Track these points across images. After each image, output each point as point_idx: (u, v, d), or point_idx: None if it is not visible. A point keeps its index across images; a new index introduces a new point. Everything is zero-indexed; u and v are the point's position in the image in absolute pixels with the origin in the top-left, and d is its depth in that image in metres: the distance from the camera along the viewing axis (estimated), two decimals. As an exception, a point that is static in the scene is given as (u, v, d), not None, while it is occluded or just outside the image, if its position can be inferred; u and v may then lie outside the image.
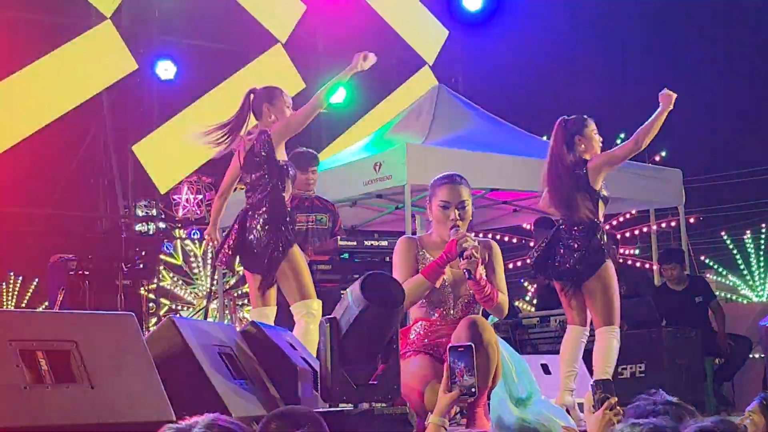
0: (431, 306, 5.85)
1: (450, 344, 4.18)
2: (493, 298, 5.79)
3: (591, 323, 7.48)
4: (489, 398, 5.95)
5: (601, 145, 7.67)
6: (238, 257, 7.26)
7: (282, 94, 7.44)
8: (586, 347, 7.51)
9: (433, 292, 5.82)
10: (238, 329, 5.79)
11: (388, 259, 8.32)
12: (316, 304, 7.06)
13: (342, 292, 7.84)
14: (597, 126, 7.78)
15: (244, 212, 7.25)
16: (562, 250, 7.45)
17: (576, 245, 7.39)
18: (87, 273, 9.99)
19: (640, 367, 8.08)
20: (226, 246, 7.20)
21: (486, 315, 6.13)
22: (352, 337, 4.97)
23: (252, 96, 7.43)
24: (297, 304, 7.07)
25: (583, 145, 7.57)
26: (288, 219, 7.15)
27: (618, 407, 4.01)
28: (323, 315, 5.52)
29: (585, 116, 7.72)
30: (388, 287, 5.05)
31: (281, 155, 7.22)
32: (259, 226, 7.10)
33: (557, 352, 9.59)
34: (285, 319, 7.21)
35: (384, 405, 5.05)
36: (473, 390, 4.06)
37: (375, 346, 5.10)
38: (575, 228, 7.45)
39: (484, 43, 19.10)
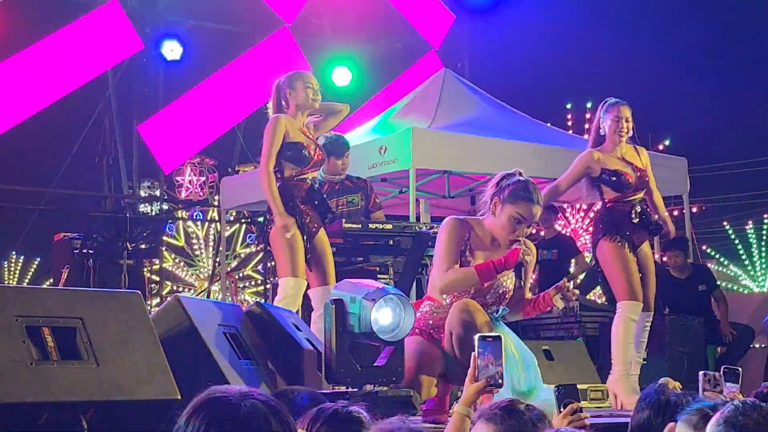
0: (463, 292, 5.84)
1: (478, 334, 4.17)
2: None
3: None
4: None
5: (622, 131, 7.62)
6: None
7: (301, 77, 7.48)
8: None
9: None
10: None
11: (391, 242, 8.31)
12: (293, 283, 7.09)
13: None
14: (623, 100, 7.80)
15: None
16: None
17: None
18: (91, 252, 9.99)
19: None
20: None
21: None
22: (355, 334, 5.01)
23: (278, 87, 7.46)
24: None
25: (603, 131, 7.63)
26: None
27: (580, 413, 3.95)
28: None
29: (617, 102, 7.70)
30: (402, 308, 5.06)
31: None
32: None
33: (561, 338, 9.63)
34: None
35: (388, 387, 5.07)
36: (500, 381, 4.06)
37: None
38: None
39: (490, 28, 19.07)
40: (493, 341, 4.10)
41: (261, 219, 9.50)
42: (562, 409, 3.98)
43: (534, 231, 11.56)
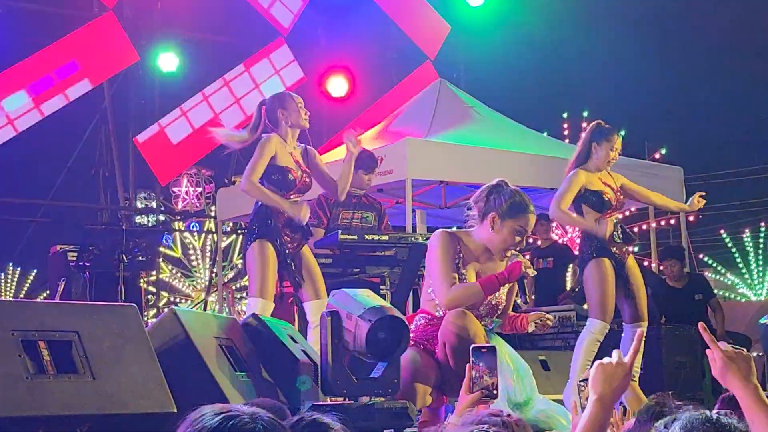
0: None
1: (473, 345, 4.17)
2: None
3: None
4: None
5: (612, 161, 7.74)
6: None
7: (292, 97, 7.49)
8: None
9: None
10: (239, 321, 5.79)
11: (388, 253, 8.31)
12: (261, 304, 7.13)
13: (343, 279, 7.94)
14: (617, 128, 7.91)
15: None
16: None
17: None
18: (88, 264, 9.99)
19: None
20: None
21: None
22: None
23: (263, 108, 7.46)
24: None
25: (595, 154, 7.67)
26: None
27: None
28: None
29: (614, 130, 7.79)
30: (396, 330, 5.05)
31: None
32: None
33: (556, 348, 9.64)
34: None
35: (384, 399, 5.07)
36: (495, 391, 4.05)
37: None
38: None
39: (486, 38, 19.08)
40: (487, 352, 4.10)
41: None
42: (585, 403, 3.96)
43: (531, 240, 11.60)
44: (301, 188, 7.45)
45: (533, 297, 11.51)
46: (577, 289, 11.69)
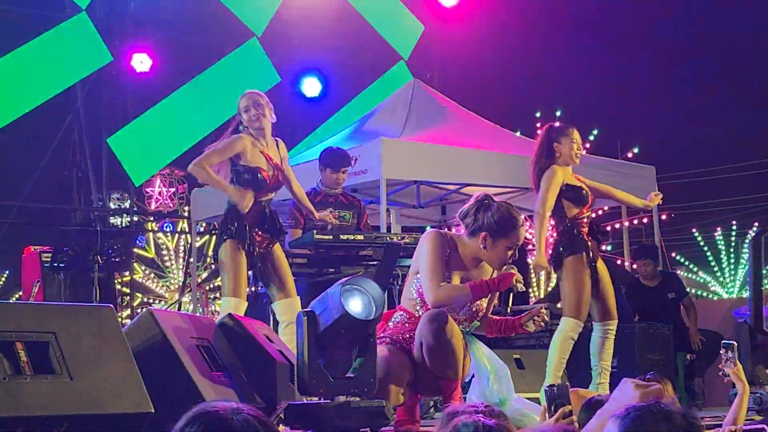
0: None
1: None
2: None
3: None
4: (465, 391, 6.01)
5: (579, 153, 7.79)
6: None
7: (242, 98, 7.56)
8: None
9: None
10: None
11: (363, 253, 8.34)
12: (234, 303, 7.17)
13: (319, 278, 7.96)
14: (573, 123, 7.95)
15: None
16: None
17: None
18: (62, 265, 9.96)
19: (613, 362, 8.13)
20: None
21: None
22: (329, 335, 5.01)
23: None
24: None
25: (558, 153, 7.71)
26: None
27: (572, 416, 3.92)
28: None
29: (569, 126, 7.89)
30: (369, 292, 5.07)
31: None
32: None
33: (532, 347, 9.68)
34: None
35: (360, 398, 5.09)
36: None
37: (352, 343, 5.15)
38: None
39: (459, 38, 19.11)
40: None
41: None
42: (553, 411, 3.96)
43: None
44: (274, 186, 7.49)
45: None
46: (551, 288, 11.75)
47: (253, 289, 7.62)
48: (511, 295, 5.93)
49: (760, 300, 7.35)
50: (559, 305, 8.39)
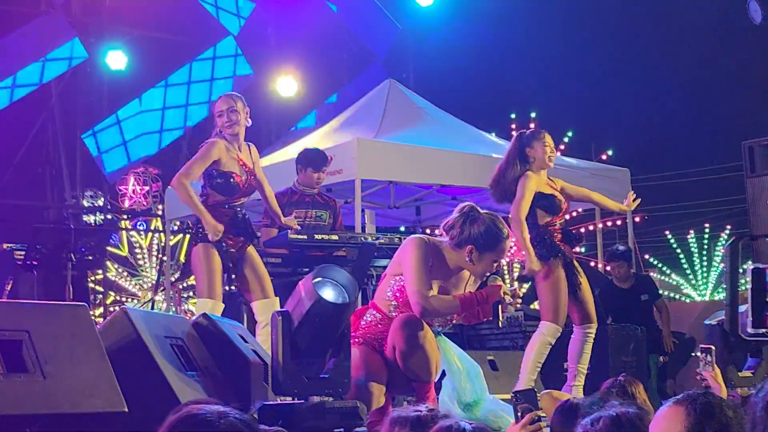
0: (405, 308, 5.81)
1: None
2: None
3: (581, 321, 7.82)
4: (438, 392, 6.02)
5: (552, 156, 7.79)
6: None
7: (217, 102, 7.57)
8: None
9: None
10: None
11: (337, 253, 8.33)
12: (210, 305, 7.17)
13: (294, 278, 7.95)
14: (546, 126, 7.98)
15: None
16: None
17: None
18: (35, 263, 9.92)
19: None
20: None
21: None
22: (304, 330, 5.01)
23: None
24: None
25: (533, 158, 7.71)
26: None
27: (539, 422, 3.91)
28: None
29: (541, 130, 7.92)
30: (341, 281, 5.09)
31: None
32: None
33: (506, 348, 9.70)
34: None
35: (334, 398, 5.09)
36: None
37: (326, 339, 5.15)
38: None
39: (435, 39, 19.15)
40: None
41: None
42: (519, 416, 3.95)
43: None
44: (247, 191, 7.49)
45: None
46: (525, 287, 11.78)
47: (227, 288, 7.60)
48: (500, 307, 5.91)
49: (735, 305, 7.37)
50: (532, 306, 8.43)
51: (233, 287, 7.76)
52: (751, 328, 6.91)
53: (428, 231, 12.20)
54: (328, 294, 4.99)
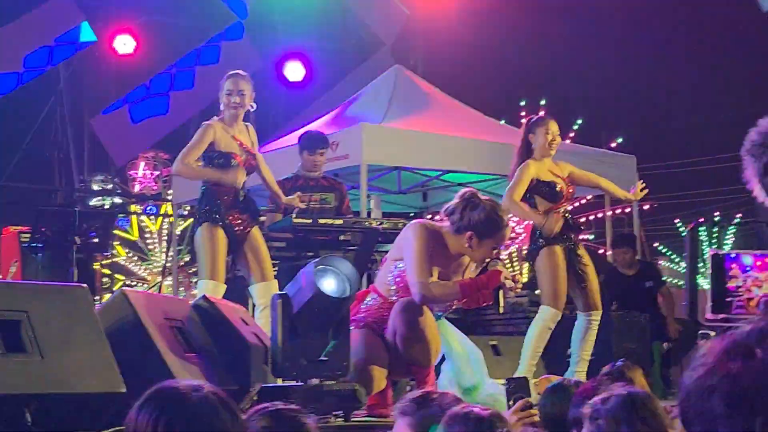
0: (405, 293, 5.82)
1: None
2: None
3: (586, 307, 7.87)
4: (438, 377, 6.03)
5: (553, 143, 7.80)
6: None
7: (225, 79, 7.54)
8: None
9: None
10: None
11: (341, 237, 8.34)
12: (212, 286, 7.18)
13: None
14: (555, 114, 8.02)
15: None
16: None
17: None
18: (40, 246, 9.93)
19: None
20: None
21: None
22: (303, 317, 5.02)
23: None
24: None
25: (534, 144, 7.75)
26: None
27: (531, 409, 3.91)
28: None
29: (546, 117, 7.96)
30: (343, 271, 5.09)
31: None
32: None
33: (509, 334, 9.71)
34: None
35: (333, 381, 5.11)
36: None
37: (326, 325, 5.16)
38: None
39: (443, 25, 19.10)
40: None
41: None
42: (512, 404, 3.96)
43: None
44: (247, 170, 7.50)
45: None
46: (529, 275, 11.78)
47: (229, 276, 7.62)
48: (501, 292, 5.92)
49: (695, 291, 7.39)
50: (537, 292, 8.44)
51: (237, 271, 7.79)
52: (710, 314, 6.93)
53: (434, 217, 12.21)
54: (329, 286, 5.00)
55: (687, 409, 1.62)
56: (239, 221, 7.35)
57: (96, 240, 10.29)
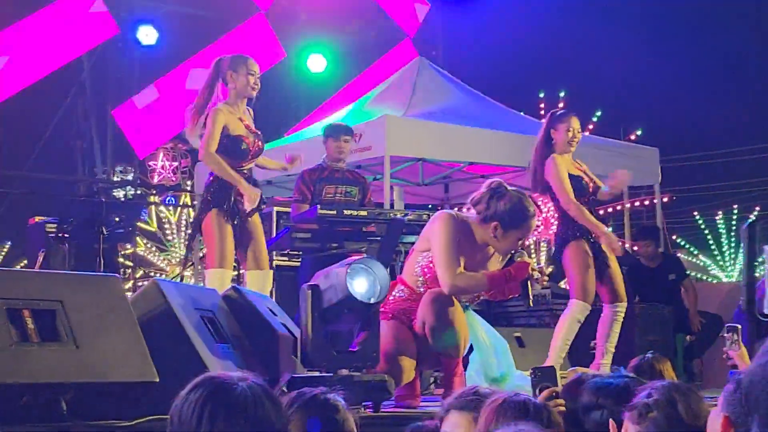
0: (433, 284, 5.84)
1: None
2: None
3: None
4: (465, 368, 6.05)
5: (573, 141, 7.78)
6: None
7: (244, 62, 7.43)
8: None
9: None
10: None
11: (366, 229, 8.36)
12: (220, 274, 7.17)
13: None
14: (575, 105, 7.98)
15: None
16: None
17: None
18: (67, 236, 9.97)
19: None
20: None
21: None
22: (333, 311, 5.06)
23: (220, 63, 7.43)
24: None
25: (554, 140, 7.74)
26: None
27: (557, 399, 3.91)
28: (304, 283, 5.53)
29: (569, 112, 7.91)
30: (375, 273, 5.09)
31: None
32: None
33: (531, 326, 9.73)
34: None
35: (363, 372, 5.14)
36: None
37: (355, 321, 5.19)
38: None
39: (465, 16, 19.10)
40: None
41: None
42: (537, 394, 3.97)
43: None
44: (255, 153, 7.45)
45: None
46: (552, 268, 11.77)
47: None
48: (529, 284, 5.93)
49: (753, 286, 7.38)
50: (561, 285, 8.44)
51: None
52: (766, 309, 6.93)
53: (464, 211, 12.24)
54: (360, 287, 5.02)
55: (751, 393, 1.66)
56: (243, 205, 7.30)
57: (121, 231, 10.34)
